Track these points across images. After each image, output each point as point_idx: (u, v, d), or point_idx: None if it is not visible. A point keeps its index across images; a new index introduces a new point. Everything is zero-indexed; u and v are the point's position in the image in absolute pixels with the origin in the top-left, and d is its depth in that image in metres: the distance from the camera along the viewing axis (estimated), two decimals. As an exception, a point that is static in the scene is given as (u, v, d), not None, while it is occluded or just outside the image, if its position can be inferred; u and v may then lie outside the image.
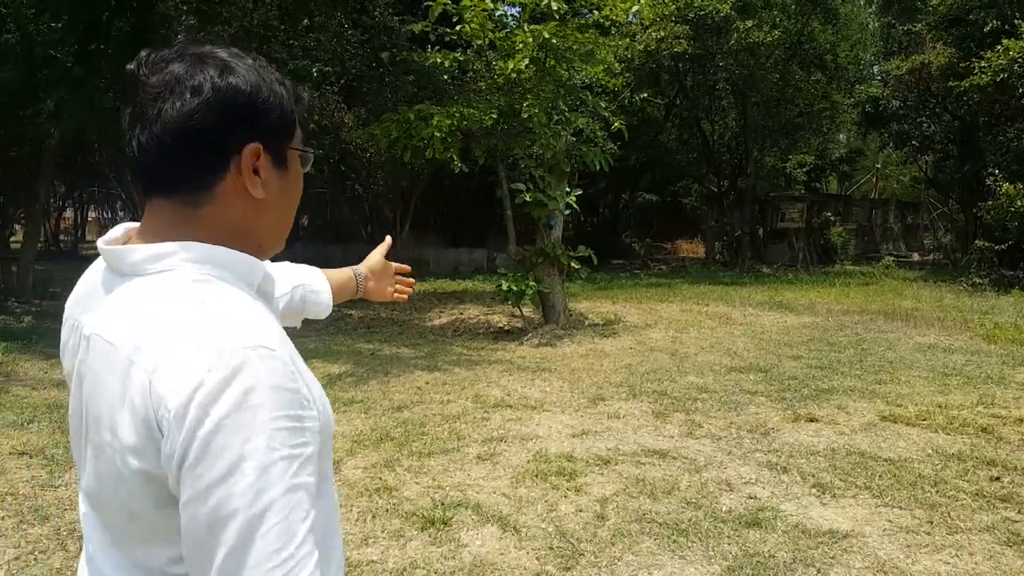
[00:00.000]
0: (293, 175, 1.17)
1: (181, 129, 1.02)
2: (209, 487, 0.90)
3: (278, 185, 1.13)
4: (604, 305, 15.32)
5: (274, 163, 1.11)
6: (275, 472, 0.91)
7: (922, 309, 14.18)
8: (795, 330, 12.08)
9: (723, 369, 9.11)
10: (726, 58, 21.81)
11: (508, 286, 11.50)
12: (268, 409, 0.92)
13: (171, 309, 1.00)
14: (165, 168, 1.05)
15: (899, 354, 10.02)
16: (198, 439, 0.90)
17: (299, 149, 1.17)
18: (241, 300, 1.04)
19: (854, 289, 17.86)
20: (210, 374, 0.92)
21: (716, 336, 11.58)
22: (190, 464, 0.90)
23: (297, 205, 1.21)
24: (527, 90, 11.42)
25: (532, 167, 11.71)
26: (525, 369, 9.26)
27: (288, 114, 1.13)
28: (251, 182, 1.08)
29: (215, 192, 1.07)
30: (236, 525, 0.89)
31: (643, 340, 11.33)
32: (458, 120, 11.28)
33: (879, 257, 30.48)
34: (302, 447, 0.95)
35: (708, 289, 18.40)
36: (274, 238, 1.19)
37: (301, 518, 0.93)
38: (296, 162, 1.17)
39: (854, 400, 7.53)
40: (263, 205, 1.11)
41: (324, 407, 1.06)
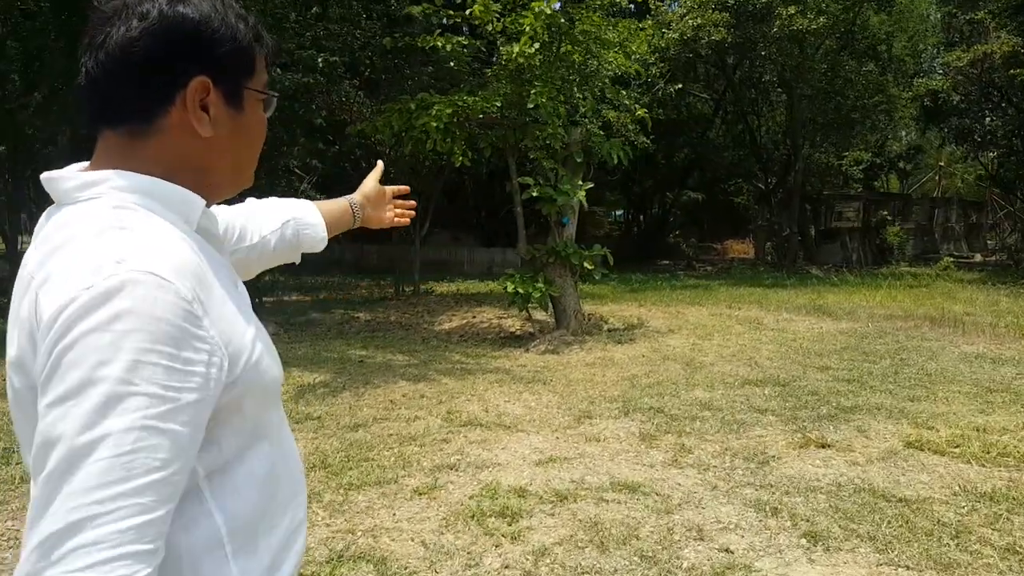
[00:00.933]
0: (250, 117, 1.12)
1: (124, 56, 0.99)
2: (51, 404, 0.84)
3: (231, 125, 1.08)
4: (629, 308, 14.40)
5: (227, 101, 1.07)
6: (124, 406, 0.83)
7: (974, 314, 12.99)
8: (829, 337, 11.04)
9: (737, 381, 8.17)
10: (769, 47, 20.58)
11: (514, 288, 10.68)
12: (137, 338, 0.85)
13: (80, 231, 0.95)
14: (109, 97, 1.02)
15: (940, 365, 8.95)
16: (55, 353, 0.85)
17: (258, 91, 1.12)
18: (158, 229, 0.98)
19: (903, 292, 16.63)
20: (87, 291, 0.86)
21: (740, 343, 10.61)
22: (44, 377, 0.86)
23: (258, 150, 1.18)
24: (536, 76, 10.57)
25: (542, 159, 10.85)
26: (519, 380, 8.44)
27: (244, 50, 1.08)
28: (197, 118, 1.04)
29: (161, 125, 1.03)
30: (60, 450, 0.82)
31: (659, 347, 10.41)
32: (461, 109, 10.49)
33: (938, 258, 29.00)
34: (178, 392, 0.87)
35: (746, 291, 17.34)
36: (230, 180, 1.15)
37: (145, 465, 0.84)
38: (256, 105, 1.13)
39: (878, 421, 6.55)
40: (212, 144, 1.06)
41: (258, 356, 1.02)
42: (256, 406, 1.05)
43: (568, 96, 11.07)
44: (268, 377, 1.05)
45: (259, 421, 1.06)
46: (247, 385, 1.00)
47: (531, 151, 10.85)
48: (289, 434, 1.21)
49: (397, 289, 17.56)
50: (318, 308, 14.75)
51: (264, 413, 1.08)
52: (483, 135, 11.18)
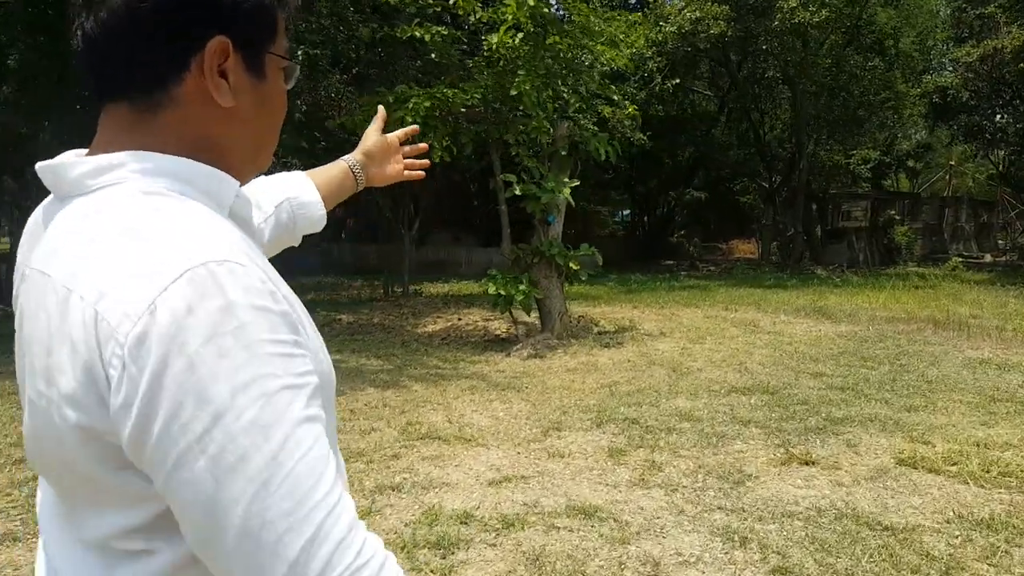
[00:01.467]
0: (273, 88, 0.97)
1: (130, 13, 0.84)
2: (204, 434, 0.72)
3: (252, 96, 0.94)
4: (623, 310, 13.91)
5: (248, 68, 0.92)
6: (283, 401, 0.74)
7: (981, 317, 12.45)
8: (827, 341, 10.52)
9: (723, 389, 7.68)
10: (770, 41, 19.99)
11: (496, 290, 10.20)
12: (254, 331, 0.74)
13: (116, 225, 0.80)
14: (113, 63, 0.87)
15: (942, 372, 8.44)
16: (172, 379, 0.71)
17: (281, 56, 0.97)
18: (204, 212, 0.84)
19: (907, 293, 16.08)
20: (165, 298, 0.73)
21: (733, 347, 10.11)
22: (169, 414, 0.72)
23: (280, 124, 1.03)
24: (519, 67, 10.09)
25: (524, 155, 10.37)
26: (494, 387, 7.97)
27: (267, 9, 0.92)
28: (215, 86, 0.88)
29: (174, 95, 0.88)
30: (251, 471, 0.72)
31: (647, 351, 9.92)
32: (440, 102, 10.02)
33: (946, 258, 28.40)
34: (305, 376, 0.78)
35: (746, 292, 16.82)
36: (251, 159, 1.00)
37: (324, 454, 0.77)
38: (277, 73, 0.97)
39: (870, 434, 6.05)
40: (233, 116, 0.92)
41: (324, 354, 0.90)
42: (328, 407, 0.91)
43: (554, 89, 10.58)
44: (328, 375, 0.91)
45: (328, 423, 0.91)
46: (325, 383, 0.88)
47: (513, 147, 10.34)
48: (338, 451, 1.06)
49: (386, 290, 17.11)
50: (301, 310, 14.28)
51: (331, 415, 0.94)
52: (465, 130, 10.70)
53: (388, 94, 10.47)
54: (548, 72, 10.44)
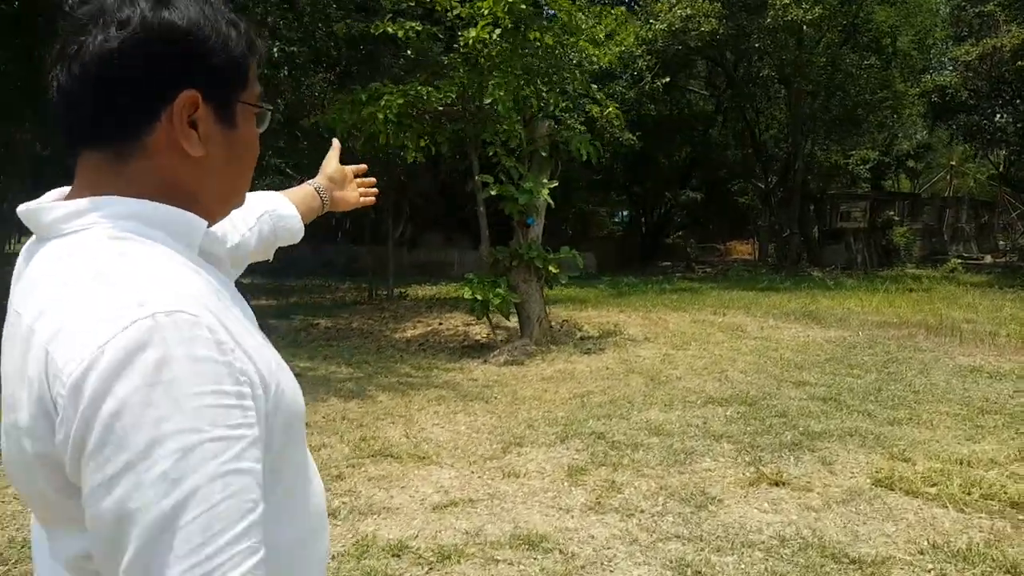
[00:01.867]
0: (244, 134, 1.01)
1: (102, 69, 0.88)
2: (114, 477, 0.75)
3: (223, 143, 0.98)
4: (609, 314, 13.57)
5: (218, 117, 0.96)
6: (199, 456, 0.76)
7: (976, 321, 12.10)
8: (814, 347, 10.19)
9: (700, 399, 7.35)
10: (763, 38, 19.59)
11: (472, 294, 9.87)
12: (188, 384, 0.77)
13: (79, 269, 0.85)
14: (86, 114, 0.91)
15: (931, 380, 8.10)
16: (99, 421, 0.76)
17: (252, 104, 1.01)
18: (165, 259, 0.89)
19: (902, 296, 15.73)
20: (113, 342, 0.77)
21: (716, 354, 9.77)
22: (91, 451, 0.76)
23: (252, 167, 1.07)
24: (495, 66, 9.77)
25: (502, 155, 10.04)
26: (463, 397, 7.65)
27: (237, 61, 0.97)
28: (185, 136, 0.92)
29: (146, 144, 0.92)
30: (146, 522, 0.74)
31: (628, 358, 9.60)
32: (414, 100, 9.70)
33: (946, 259, 28.06)
34: (241, 429, 0.80)
35: (737, 295, 16.47)
36: (223, 201, 1.05)
37: (240, 510, 0.77)
38: (249, 120, 1.02)
39: (848, 450, 5.72)
40: (203, 163, 0.96)
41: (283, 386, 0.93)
42: (295, 437, 0.97)
43: (534, 88, 10.25)
44: (293, 410, 0.95)
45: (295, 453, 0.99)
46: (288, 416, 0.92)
47: (491, 146, 10.01)
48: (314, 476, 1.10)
49: (371, 293, 16.78)
50: (279, 314, 13.97)
51: (285, 450, 0.95)
52: (440, 129, 10.38)
53: (361, 92, 10.14)
54: (527, 70, 10.11)
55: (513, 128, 9.55)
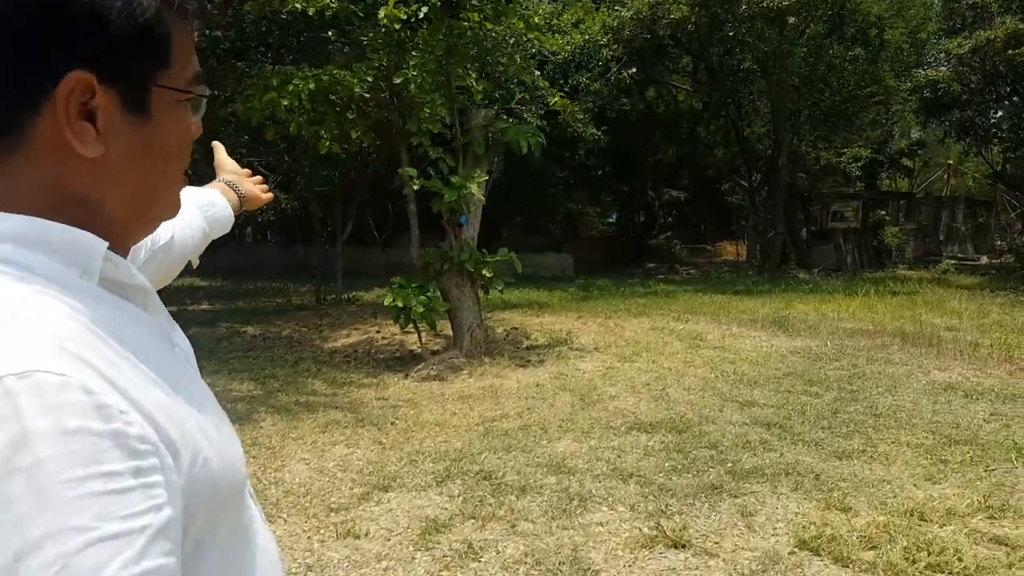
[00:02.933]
0: (165, 127, 0.77)
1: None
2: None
3: (134, 140, 0.74)
4: (566, 320, 12.56)
5: (125, 105, 0.73)
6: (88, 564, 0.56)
7: (958, 329, 11.09)
8: (775, 359, 9.18)
9: (625, 425, 6.36)
10: (737, 27, 18.51)
11: (393, 301, 8.88)
12: (58, 468, 0.57)
13: None
14: None
15: (896, 401, 7.11)
16: None
17: (176, 89, 0.77)
18: (35, 302, 0.67)
19: (883, 300, 14.69)
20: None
21: (665, 367, 8.77)
22: None
23: (180, 167, 0.83)
24: (415, 47, 8.77)
25: (428, 146, 9.03)
26: (357, 422, 6.67)
27: (150, 32, 0.72)
28: (74, 131, 0.70)
29: (25, 138, 0.70)
30: None
31: (566, 372, 8.61)
32: (328, 85, 8.70)
33: (940, 260, 27.06)
34: (144, 516, 0.60)
35: (709, 299, 15.45)
36: (140, 214, 0.81)
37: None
38: (172, 107, 0.77)
39: (779, 495, 4.72)
40: (105, 167, 0.73)
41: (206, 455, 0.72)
42: (204, 524, 0.72)
43: (461, 72, 9.25)
44: (222, 485, 0.74)
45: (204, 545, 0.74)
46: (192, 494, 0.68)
47: (416, 136, 9.00)
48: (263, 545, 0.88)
49: (319, 297, 15.76)
50: (207, 321, 12.94)
51: (214, 531, 0.75)
52: (363, 117, 9.37)
53: (273, 76, 9.12)
54: (452, 52, 9.10)
55: (434, 114, 8.52)
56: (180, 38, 0.76)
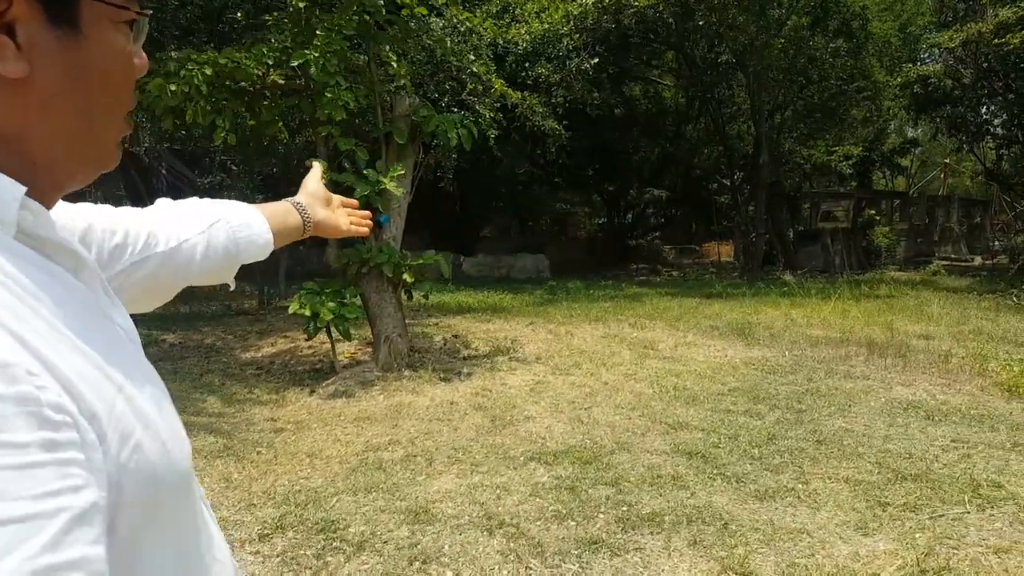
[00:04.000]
0: (101, 45, 0.68)
1: None
2: None
3: (62, 60, 0.65)
4: (515, 326, 11.69)
5: (50, 17, 0.64)
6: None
7: (933, 337, 10.21)
8: (725, 372, 8.31)
9: (526, 455, 5.49)
10: (708, 16, 17.55)
11: (299, 307, 8.00)
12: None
13: None
14: None
15: (846, 424, 6.23)
16: None
17: (109, 3, 0.68)
18: None
19: (859, 305, 13.78)
20: None
21: (601, 382, 7.91)
22: None
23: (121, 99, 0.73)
24: (321, 25, 7.90)
25: (337, 137, 8.15)
26: (225, 452, 5.81)
27: None
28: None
29: None
30: None
31: (490, 388, 7.74)
32: (226, 70, 7.83)
33: (932, 261, 26.22)
34: (55, 496, 0.51)
35: (677, 303, 14.56)
36: (73, 153, 0.70)
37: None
38: (106, 26, 0.69)
39: (669, 552, 3.85)
40: (28, 91, 0.64)
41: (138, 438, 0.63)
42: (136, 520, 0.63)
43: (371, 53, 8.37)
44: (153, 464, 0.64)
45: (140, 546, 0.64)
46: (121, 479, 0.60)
47: (324, 126, 8.12)
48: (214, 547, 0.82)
49: (261, 301, 14.87)
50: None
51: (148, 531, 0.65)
52: (266, 105, 8.49)
53: (170, 61, 8.24)
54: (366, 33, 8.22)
55: (336, 99, 7.63)
56: None
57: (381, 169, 8.11)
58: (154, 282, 1.07)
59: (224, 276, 1.22)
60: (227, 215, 1.21)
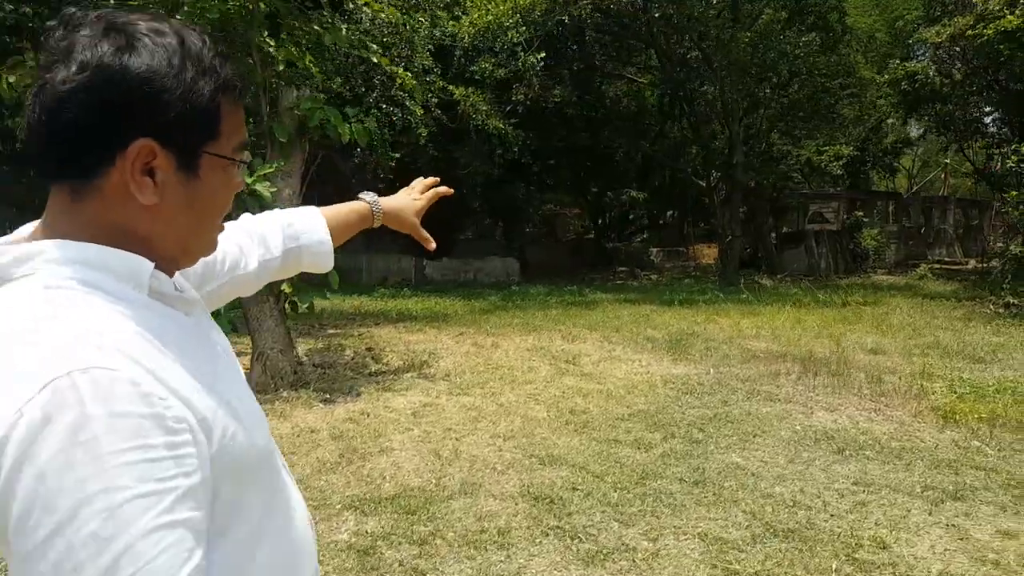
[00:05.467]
0: (210, 184, 0.95)
1: (58, 108, 0.84)
2: (44, 542, 0.73)
3: (182, 194, 0.92)
4: (442, 337, 10.89)
5: (180, 166, 0.91)
6: (128, 513, 0.74)
7: (883, 352, 9.37)
8: (637, 392, 7.50)
9: (343, 504, 4.70)
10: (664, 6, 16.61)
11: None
12: (109, 441, 0.75)
13: (10, 325, 0.82)
14: (44, 150, 0.88)
15: (743, 458, 5.44)
16: (22, 487, 0.73)
17: (222, 156, 0.95)
18: (95, 311, 0.84)
19: (815, 313, 12.88)
20: (29, 406, 0.74)
21: (497, 404, 7.13)
22: (18, 517, 0.73)
23: (218, 217, 1.02)
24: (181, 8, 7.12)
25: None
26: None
27: (202, 111, 0.90)
28: (137, 185, 0.88)
29: (100, 187, 0.88)
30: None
31: (370, 411, 6.97)
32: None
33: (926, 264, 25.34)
34: (173, 480, 0.78)
35: (629, 311, 13.74)
36: (181, 252, 0.99)
37: (176, 562, 0.76)
38: (218, 169, 0.95)
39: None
40: (157, 212, 0.91)
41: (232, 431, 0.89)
42: (232, 488, 0.90)
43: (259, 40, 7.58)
44: (245, 456, 0.91)
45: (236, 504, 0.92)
46: (222, 464, 0.86)
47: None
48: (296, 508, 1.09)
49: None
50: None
51: (243, 495, 0.93)
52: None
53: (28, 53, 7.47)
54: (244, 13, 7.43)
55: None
56: (229, 112, 0.93)
57: (257, 168, 7.29)
58: (232, 290, 1.32)
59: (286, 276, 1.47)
60: (297, 232, 1.41)
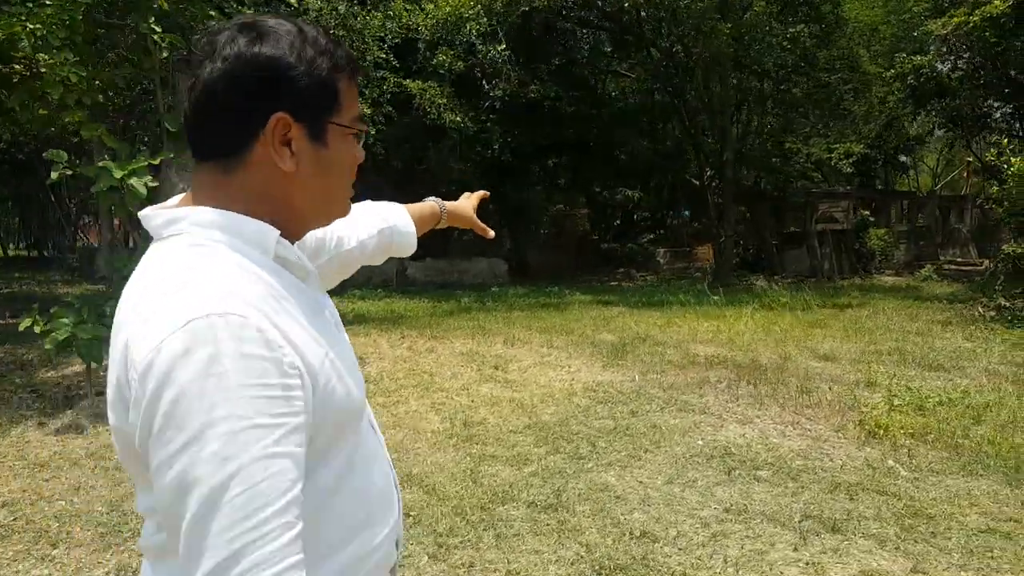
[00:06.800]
0: (337, 152, 1.11)
1: (209, 95, 1.02)
2: (174, 454, 0.86)
3: (314, 160, 1.08)
4: (380, 342, 10.34)
5: (310, 136, 1.07)
6: (244, 439, 0.86)
7: (836, 358, 8.70)
8: (555, 400, 6.96)
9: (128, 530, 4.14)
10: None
11: (30, 324, 6.74)
12: (236, 376, 0.88)
13: (161, 273, 0.98)
14: (200, 133, 1.06)
15: (619, 478, 4.87)
16: (162, 406, 0.87)
17: (341, 125, 1.10)
18: (231, 266, 1.00)
19: (784, 317, 12.14)
20: (172, 338, 0.88)
21: (392, 415, 6.58)
22: (156, 431, 0.88)
23: (347, 183, 1.17)
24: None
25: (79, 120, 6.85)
26: None
27: (323, 84, 1.06)
28: (278, 154, 1.05)
29: (245, 159, 1.05)
30: (199, 493, 0.85)
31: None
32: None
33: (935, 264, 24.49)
34: (284, 417, 0.90)
35: (597, 312, 13.15)
36: (317, 213, 1.15)
37: (279, 488, 0.87)
38: (341, 139, 1.11)
39: None
40: (294, 178, 1.07)
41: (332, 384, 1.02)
42: (329, 435, 1.04)
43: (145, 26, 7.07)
44: (342, 409, 1.05)
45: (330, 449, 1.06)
46: (321, 412, 0.99)
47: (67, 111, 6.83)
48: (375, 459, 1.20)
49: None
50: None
51: (337, 441, 1.07)
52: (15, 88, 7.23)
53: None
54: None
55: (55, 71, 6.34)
56: (346, 88, 1.09)
57: (124, 159, 6.77)
58: (338, 268, 1.50)
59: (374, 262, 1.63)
60: (391, 220, 1.62)
